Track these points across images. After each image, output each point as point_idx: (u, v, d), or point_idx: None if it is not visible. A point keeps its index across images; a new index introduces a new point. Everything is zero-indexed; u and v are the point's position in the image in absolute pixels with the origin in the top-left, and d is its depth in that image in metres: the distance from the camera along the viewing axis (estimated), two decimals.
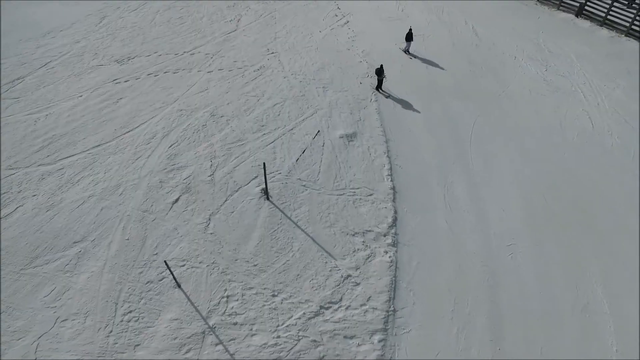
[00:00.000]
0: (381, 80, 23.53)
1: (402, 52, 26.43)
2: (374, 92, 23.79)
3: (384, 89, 23.97)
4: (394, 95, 22.90)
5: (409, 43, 25.66)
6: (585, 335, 14.56)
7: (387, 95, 23.55)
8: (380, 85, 23.76)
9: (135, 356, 14.39)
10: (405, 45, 25.92)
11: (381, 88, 23.84)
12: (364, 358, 14.29)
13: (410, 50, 26.15)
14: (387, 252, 16.93)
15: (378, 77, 23.44)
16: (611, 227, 17.33)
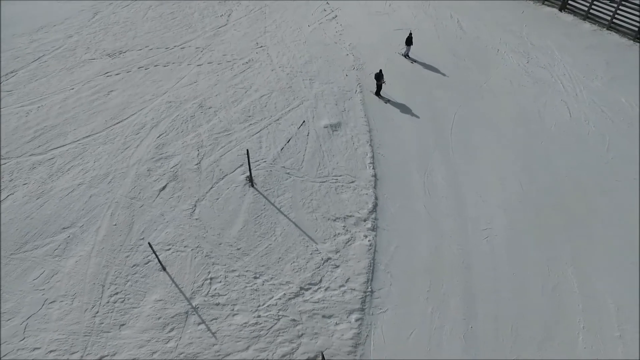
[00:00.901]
0: (380, 86, 23.01)
1: (402, 56, 26.09)
2: (359, 83, 24.27)
3: (383, 94, 23.59)
4: (393, 100, 23.10)
5: (409, 47, 25.32)
6: (554, 313, 15.10)
7: (386, 100, 23.19)
8: (379, 91, 23.31)
9: (120, 335, 14.88)
10: (405, 50, 25.60)
11: (380, 93, 23.44)
12: (341, 336, 14.77)
13: (410, 54, 25.99)
14: (366, 236, 17.45)
15: (377, 82, 22.91)
16: (583, 211, 17.86)
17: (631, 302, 15.26)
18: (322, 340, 14.71)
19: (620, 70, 24.20)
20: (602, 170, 19.25)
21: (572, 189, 18.57)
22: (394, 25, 28.79)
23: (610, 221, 17.52)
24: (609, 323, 14.82)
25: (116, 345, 14.63)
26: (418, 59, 25.46)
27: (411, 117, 22.33)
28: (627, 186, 18.64)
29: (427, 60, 25.51)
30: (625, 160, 19.59)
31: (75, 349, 14.58)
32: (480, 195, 18.59)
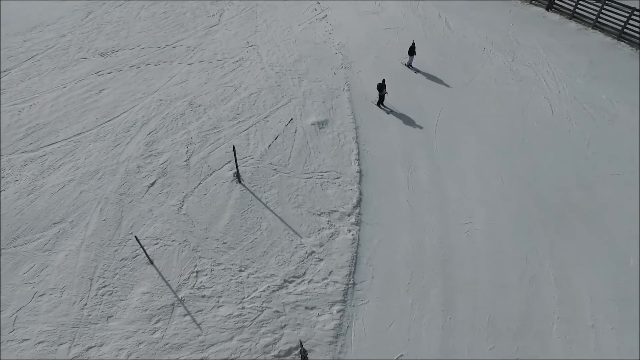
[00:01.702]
0: (383, 96, 22.47)
1: (405, 66, 25.62)
2: (347, 82, 24.66)
3: (386, 104, 23.16)
4: (395, 110, 22.86)
5: (412, 57, 24.90)
6: (530, 304, 15.52)
7: (388, 111, 22.79)
8: (381, 101, 22.78)
9: (108, 327, 15.26)
10: (408, 60, 25.19)
11: (383, 104, 22.93)
12: (323, 327, 15.17)
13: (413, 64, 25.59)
14: (350, 230, 17.85)
15: (379, 92, 22.33)
16: (562, 205, 18.28)
17: (605, 294, 15.68)
18: (305, 330, 15.11)
19: (603, 68, 24.64)
20: (582, 165, 19.67)
21: (551, 184, 18.99)
22: (383, 24, 29.19)
23: (587, 216, 17.95)
24: (583, 313, 15.25)
25: (103, 336, 15.01)
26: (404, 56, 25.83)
27: (397, 114, 22.73)
28: (606, 181, 19.08)
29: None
30: (604, 156, 20.02)
31: (64, 340, 14.95)
32: (462, 191, 19.00)
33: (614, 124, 21.43)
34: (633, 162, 19.64)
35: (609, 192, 18.63)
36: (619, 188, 18.73)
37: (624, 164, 19.62)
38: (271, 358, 14.55)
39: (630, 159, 19.75)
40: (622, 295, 15.61)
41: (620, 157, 19.89)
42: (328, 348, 14.76)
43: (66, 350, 14.75)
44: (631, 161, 19.69)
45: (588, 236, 17.29)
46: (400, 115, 22.55)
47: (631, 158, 19.79)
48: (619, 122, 21.52)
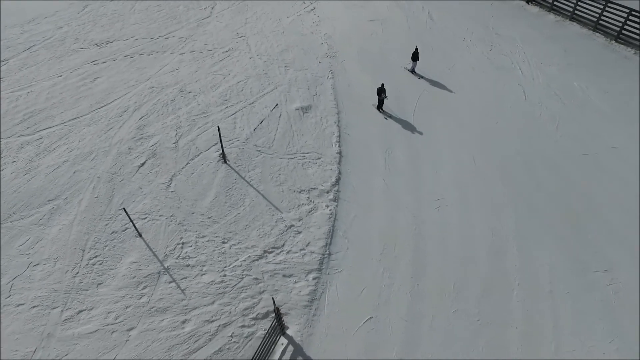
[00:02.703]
0: (382, 100, 22.53)
1: (408, 71, 25.57)
2: (331, 70, 25.72)
3: (385, 108, 23.15)
4: (395, 115, 22.99)
5: (415, 62, 24.83)
6: (494, 273, 16.58)
7: (387, 116, 22.77)
8: (381, 105, 22.80)
9: (98, 292, 16.33)
10: (411, 65, 25.14)
11: (382, 108, 22.94)
12: (299, 292, 16.26)
13: (416, 69, 25.47)
14: (328, 206, 18.93)
15: (378, 96, 22.41)
16: (529, 184, 19.33)
17: (563, 263, 16.75)
18: (282, 296, 16.18)
19: (577, 57, 25.70)
20: (550, 147, 20.74)
21: (520, 165, 20.06)
22: (368, 16, 30.26)
23: (552, 193, 19.01)
24: (542, 280, 16.31)
25: (93, 300, 16.07)
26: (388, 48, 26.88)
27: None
28: (572, 161, 20.14)
29: (396, 48, 26.95)
30: (572, 139, 21.08)
31: (56, 304, 16.01)
32: (436, 171, 20.07)
33: (583, 108, 22.49)
34: (598, 143, 20.69)
35: (573, 171, 19.69)
36: (584, 167, 19.81)
37: (590, 145, 20.70)
38: (249, 320, 15.57)
39: (595, 141, 20.80)
40: (578, 264, 16.66)
41: (587, 139, 20.97)
42: (303, 311, 15.82)
43: (59, 314, 15.78)
44: (596, 142, 20.73)
45: (551, 211, 18.35)
46: None
47: (596, 139, 20.84)
48: (588, 106, 22.59)
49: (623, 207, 18.23)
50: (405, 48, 26.83)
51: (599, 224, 17.79)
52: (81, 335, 15.24)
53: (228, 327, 15.36)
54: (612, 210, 18.16)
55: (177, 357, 14.68)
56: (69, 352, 14.85)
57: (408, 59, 26.14)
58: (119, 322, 15.52)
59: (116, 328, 15.37)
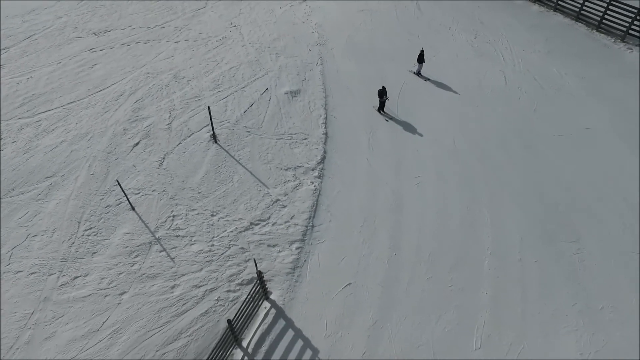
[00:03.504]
0: (384, 102, 22.43)
1: (414, 74, 25.26)
2: (320, 57, 26.66)
3: (387, 110, 23.01)
4: (397, 117, 22.76)
5: (421, 65, 24.59)
6: (467, 243, 17.49)
7: (388, 118, 22.69)
8: (382, 107, 22.69)
9: (92, 261, 17.30)
10: (417, 67, 24.86)
11: (383, 110, 22.83)
12: (282, 261, 17.21)
13: (422, 72, 25.21)
14: (313, 182, 19.87)
15: (380, 99, 22.30)
16: (504, 162, 20.20)
17: (533, 234, 17.67)
18: (266, 264, 17.13)
19: (558, 45, 26.60)
20: (527, 128, 21.66)
21: (497, 145, 20.98)
22: (359, 6, 31.17)
23: (526, 171, 19.92)
24: (512, 250, 17.23)
25: (88, 268, 17.04)
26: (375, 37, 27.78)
27: (364, 86, 24.71)
28: (547, 142, 21.06)
29: (384, 37, 27.88)
30: (548, 121, 22.00)
31: (53, 271, 16.98)
32: (417, 151, 21.01)
33: (560, 92, 23.42)
34: (573, 124, 21.62)
35: (548, 151, 20.61)
36: (558, 147, 20.73)
37: (565, 127, 21.63)
38: (235, 285, 16.53)
39: (570, 122, 21.74)
40: (547, 235, 17.59)
41: (562, 120, 21.89)
42: (285, 278, 16.78)
43: (55, 280, 16.75)
44: (571, 124, 21.67)
45: (524, 187, 19.27)
46: (367, 86, 24.51)
47: (571, 121, 21.78)
48: (564, 90, 23.51)
49: (592, 183, 19.17)
50: (392, 37, 27.75)
51: (569, 198, 18.71)
52: (76, 299, 16.18)
53: (214, 291, 16.29)
54: (583, 186, 19.08)
55: (166, 318, 15.57)
56: (65, 314, 15.79)
57: (394, 47, 27.05)
58: (111, 287, 16.46)
59: (109, 292, 16.31)
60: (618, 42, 26.66)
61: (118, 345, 15.01)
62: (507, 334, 14.97)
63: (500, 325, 15.17)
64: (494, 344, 14.79)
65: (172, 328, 15.37)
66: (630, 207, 18.24)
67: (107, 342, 15.05)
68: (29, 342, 15.15)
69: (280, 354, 14.87)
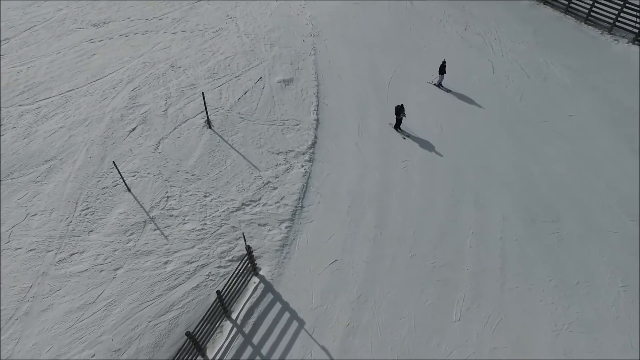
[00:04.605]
0: (400, 120, 21.54)
1: (435, 86, 24.37)
2: (313, 47, 27.31)
3: (404, 128, 22.06)
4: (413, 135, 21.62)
5: (442, 76, 23.64)
6: (451, 223, 18.13)
7: (405, 136, 21.84)
8: (399, 125, 21.84)
9: (89, 238, 17.96)
10: (438, 79, 23.93)
11: (400, 127, 21.96)
12: (272, 239, 17.87)
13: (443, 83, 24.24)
14: (303, 166, 20.52)
15: (397, 116, 21.42)
16: (489, 147, 20.82)
17: (514, 214, 18.31)
18: (256, 241, 17.79)
19: (546, 37, 27.21)
20: (513, 116, 22.29)
21: (483, 131, 21.61)
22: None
23: (509, 155, 20.56)
24: (494, 229, 17.88)
25: (84, 245, 17.71)
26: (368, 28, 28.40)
27: (356, 75, 25.34)
28: (531, 128, 21.70)
29: (376, 28, 28.51)
30: (534, 108, 22.64)
31: (51, 248, 17.65)
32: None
33: (546, 81, 24.05)
34: (557, 111, 22.26)
35: (532, 137, 21.25)
36: (541, 133, 21.38)
37: (549, 114, 22.28)
38: (225, 262, 17.20)
39: (555, 110, 22.39)
40: (528, 215, 18.24)
41: (547, 108, 22.55)
42: (274, 255, 17.44)
43: (53, 256, 17.43)
44: (555, 111, 22.31)
45: (508, 171, 19.92)
46: (358, 75, 25.14)
47: (556, 109, 22.43)
48: (550, 79, 24.15)
49: (574, 167, 19.81)
50: (384, 29, 28.37)
51: (551, 181, 19.36)
52: (73, 274, 16.86)
53: (206, 267, 16.97)
54: (564, 170, 19.72)
55: (159, 292, 16.24)
56: (62, 288, 16.48)
57: (386, 38, 27.66)
58: (107, 262, 17.13)
59: (104, 268, 16.99)
60: (605, 34, 27.24)
61: (112, 317, 15.67)
62: (485, 307, 15.59)
63: (479, 299, 15.79)
64: (473, 316, 15.43)
65: (164, 301, 16.01)
66: (609, 189, 18.88)
67: (102, 314, 15.69)
68: (27, 313, 15.80)
69: (268, 326, 15.53)
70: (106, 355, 14.76)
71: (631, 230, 17.49)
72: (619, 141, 20.70)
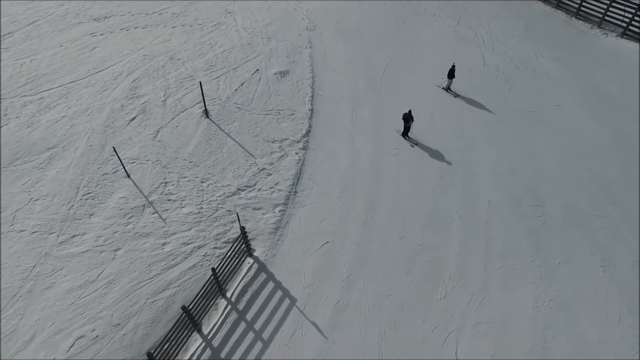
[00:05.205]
0: (409, 127, 21.13)
1: (443, 90, 24.19)
2: (309, 41, 27.99)
3: (412, 135, 21.71)
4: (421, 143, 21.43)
5: (451, 80, 23.47)
6: (439, 207, 18.80)
7: (413, 144, 21.55)
8: (407, 132, 21.44)
9: (90, 221, 18.65)
10: (447, 83, 23.76)
11: (408, 135, 21.60)
12: (266, 222, 18.55)
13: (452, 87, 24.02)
14: (297, 153, 21.20)
15: (405, 123, 20.99)
16: (478, 136, 21.49)
17: (500, 199, 18.98)
18: (251, 224, 18.47)
19: (537, 31, 27.87)
20: (502, 106, 22.95)
21: (472, 120, 22.28)
22: None
23: (496, 142, 21.23)
24: (480, 213, 18.54)
25: (85, 227, 18.40)
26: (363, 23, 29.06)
27: (350, 67, 26.02)
28: (519, 117, 22.37)
29: (370, 22, 29.18)
30: (522, 98, 23.31)
31: (53, 230, 18.34)
32: (396, 125, 22.30)
33: (535, 73, 24.72)
34: (544, 101, 22.93)
35: (520, 125, 21.92)
36: (529, 122, 22.06)
37: (537, 104, 22.94)
38: (221, 243, 17.89)
39: (542, 100, 23.06)
40: (514, 200, 18.91)
41: (535, 98, 23.21)
42: (268, 237, 18.12)
43: (55, 238, 18.11)
44: (543, 101, 22.98)
45: (495, 158, 20.59)
46: (352, 67, 25.82)
47: (544, 99, 23.10)
48: (539, 71, 24.81)
49: (559, 154, 20.48)
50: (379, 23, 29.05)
51: (536, 168, 20.04)
52: (74, 255, 17.55)
53: (202, 248, 17.66)
54: (550, 157, 20.38)
55: (157, 271, 16.94)
56: (64, 267, 17.17)
57: (380, 31, 28.32)
58: (107, 244, 17.82)
59: (105, 249, 17.68)
60: (595, 28, 27.90)
61: (112, 294, 16.36)
62: (470, 286, 16.27)
63: (464, 278, 16.47)
64: (458, 294, 16.10)
65: (162, 279, 16.70)
66: (592, 176, 19.55)
67: (102, 291, 16.39)
68: (30, 291, 16.50)
69: (261, 303, 16.21)
70: (106, 329, 15.42)
71: (612, 214, 18.14)
72: (604, 130, 21.36)
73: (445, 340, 14.96)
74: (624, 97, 22.73)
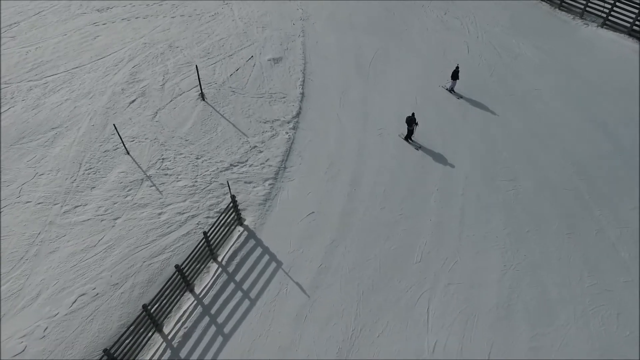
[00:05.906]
0: (412, 131, 21.11)
1: (447, 90, 24.38)
2: (302, 30, 29.27)
3: (415, 139, 21.74)
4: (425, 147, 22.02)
5: (455, 81, 23.62)
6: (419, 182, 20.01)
7: (417, 147, 21.55)
8: (410, 136, 21.41)
9: (91, 194, 19.93)
10: (451, 84, 23.93)
11: (411, 138, 21.56)
12: (256, 194, 19.82)
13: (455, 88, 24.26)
14: (287, 133, 22.46)
15: (408, 126, 20.97)
16: (458, 117, 22.73)
17: (476, 174, 20.20)
18: (242, 196, 19.72)
19: (521, 21, 29.09)
20: (483, 90, 24.16)
21: (454, 103, 23.50)
22: None
23: (476, 124, 22.44)
24: (457, 186, 19.76)
25: (87, 199, 19.68)
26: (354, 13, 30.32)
27: (341, 54, 27.25)
28: (499, 101, 23.58)
29: (361, 13, 30.44)
30: (503, 83, 24.53)
31: (57, 201, 19.62)
32: (383, 108, 23.55)
33: (516, 60, 25.94)
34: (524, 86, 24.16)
35: (498, 108, 23.13)
36: (508, 104, 23.27)
37: (516, 88, 24.17)
38: (214, 213, 19.16)
39: (522, 85, 24.29)
40: (489, 174, 20.13)
41: (515, 83, 24.43)
42: (258, 207, 19.38)
43: (59, 208, 19.39)
44: (522, 86, 24.21)
45: (474, 137, 21.80)
46: (343, 55, 27.04)
47: (523, 84, 24.32)
48: (520, 58, 26.03)
49: (535, 134, 21.70)
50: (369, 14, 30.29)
51: (513, 146, 21.25)
52: (76, 223, 18.83)
53: (196, 217, 18.92)
54: (526, 137, 21.60)
55: (153, 237, 18.22)
56: (66, 234, 18.44)
57: (371, 21, 29.56)
58: (107, 213, 19.10)
59: (105, 218, 18.96)
60: (577, 18, 29.08)
61: (111, 258, 17.64)
62: (444, 251, 17.50)
63: (439, 245, 17.70)
64: (432, 258, 17.34)
65: (158, 245, 17.98)
66: (565, 154, 20.74)
67: (102, 255, 17.68)
68: (36, 255, 17.79)
69: (250, 266, 17.46)
70: (105, 288, 16.71)
71: (580, 187, 19.34)
72: (578, 112, 22.57)
73: (418, 298, 16.19)
74: (599, 82, 23.90)
